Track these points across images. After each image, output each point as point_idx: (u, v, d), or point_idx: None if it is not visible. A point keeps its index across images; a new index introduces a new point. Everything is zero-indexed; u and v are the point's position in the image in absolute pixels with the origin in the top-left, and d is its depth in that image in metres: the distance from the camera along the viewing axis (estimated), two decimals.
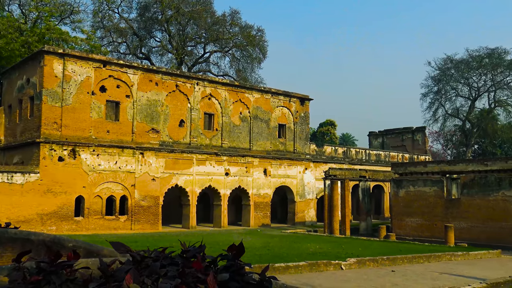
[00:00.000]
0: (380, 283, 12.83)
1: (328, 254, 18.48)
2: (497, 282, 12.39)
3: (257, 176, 35.93)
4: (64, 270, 2.63)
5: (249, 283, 3.12)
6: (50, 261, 2.66)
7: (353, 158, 44.56)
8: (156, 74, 31.28)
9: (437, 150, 74.36)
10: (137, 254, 2.82)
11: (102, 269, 2.59)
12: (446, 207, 28.99)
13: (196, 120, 32.92)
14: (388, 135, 58.24)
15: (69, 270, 2.65)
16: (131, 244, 19.53)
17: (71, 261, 2.73)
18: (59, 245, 4.20)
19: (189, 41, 50.30)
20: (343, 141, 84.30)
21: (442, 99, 64.20)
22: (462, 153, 65.31)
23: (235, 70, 51.80)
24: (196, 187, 32.36)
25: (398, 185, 31.60)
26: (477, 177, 27.78)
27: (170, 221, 34.42)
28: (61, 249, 3.55)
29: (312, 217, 39.64)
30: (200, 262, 2.85)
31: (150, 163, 30.24)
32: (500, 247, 23.96)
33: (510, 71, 60.09)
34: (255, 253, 17.99)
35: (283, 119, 38.48)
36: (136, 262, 2.74)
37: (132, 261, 2.77)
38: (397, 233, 30.00)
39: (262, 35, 51.33)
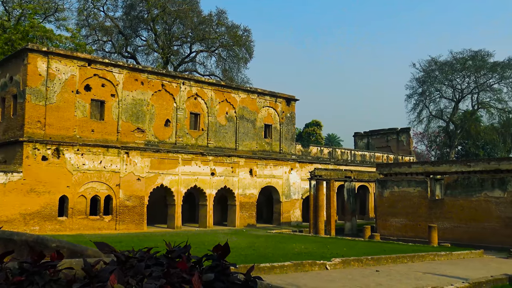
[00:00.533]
0: (365, 283, 12.92)
1: (314, 254, 18.55)
2: (479, 282, 12.55)
3: (243, 176, 35.93)
4: (48, 271, 2.61)
5: (234, 283, 3.12)
6: (33, 262, 2.63)
7: (339, 159, 44.79)
8: (141, 73, 31.11)
9: (422, 151, 75.12)
10: (121, 254, 2.80)
11: (86, 270, 2.57)
12: (430, 207, 29.29)
13: (182, 119, 32.81)
14: (373, 136, 58.67)
15: (52, 270, 2.62)
16: (115, 244, 19.38)
17: (55, 261, 2.71)
18: (43, 245, 4.15)
19: (175, 40, 50.12)
20: (328, 141, 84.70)
21: (426, 100, 64.93)
22: (445, 154, 66.06)
23: (221, 70, 51.75)
24: (182, 187, 32.25)
25: (383, 186, 31.84)
26: (460, 178, 28.12)
27: (155, 221, 34.24)
28: (44, 249, 3.52)
29: (298, 217, 39.76)
30: (185, 262, 2.85)
31: (135, 163, 30.06)
32: (482, 247, 24.30)
33: (493, 74, 61.00)
34: (240, 253, 17.98)
35: (269, 119, 38.54)
36: (120, 263, 2.72)
37: (116, 261, 2.75)
38: (382, 233, 30.22)
39: (248, 35, 51.40)
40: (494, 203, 26.43)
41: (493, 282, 13.06)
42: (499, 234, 26.04)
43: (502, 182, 26.27)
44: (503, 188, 26.18)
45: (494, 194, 26.49)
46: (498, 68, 60.28)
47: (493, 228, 26.29)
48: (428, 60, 65.24)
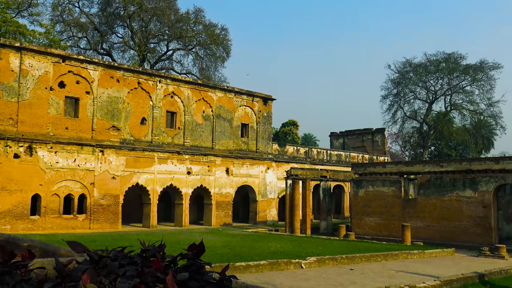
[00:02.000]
0: (339, 282, 13.06)
1: (289, 253, 18.65)
2: (450, 280, 12.81)
3: (219, 175, 35.87)
4: (19, 271, 2.57)
5: (209, 282, 3.13)
6: (3, 262, 2.59)
7: (315, 158, 45.10)
8: (117, 70, 30.74)
9: (396, 151, 76.21)
10: (94, 253, 2.78)
11: (58, 269, 2.54)
12: (404, 206, 29.76)
13: (158, 118, 32.56)
14: (349, 136, 59.26)
15: (23, 270, 2.58)
16: (89, 243, 19.14)
17: (26, 261, 2.67)
18: (14, 244, 4.07)
19: (152, 38, 49.65)
20: (305, 141, 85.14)
21: (401, 101, 65.91)
22: (419, 154, 67.18)
23: (199, 68, 51.51)
24: (157, 186, 32.01)
25: (358, 185, 32.21)
26: (433, 178, 28.65)
27: (131, 220, 33.92)
28: (15, 249, 3.46)
29: (274, 216, 39.90)
30: (159, 262, 2.84)
31: (111, 161, 29.70)
32: (453, 245, 24.83)
33: (465, 76, 62.29)
34: (216, 252, 17.96)
35: (246, 118, 38.56)
36: (93, 262, 2.70)
37: (89, 260, 2.72)
38: (357, 232, 30.58)
39: (226, 34, 51.27)
40: (465, 202, 27.02)
41: (464, 280, 13.35)
42: (470, 233, 26.64)
43: (473, 182, 26.87)
44: (474, 188, 26.78)
45: (466, 194, 27.08)
46: (470, 71, 61.59)
47: (464, 227, 26.88)
48: (403, 61, 66.31)
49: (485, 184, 26.45)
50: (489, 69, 61.31)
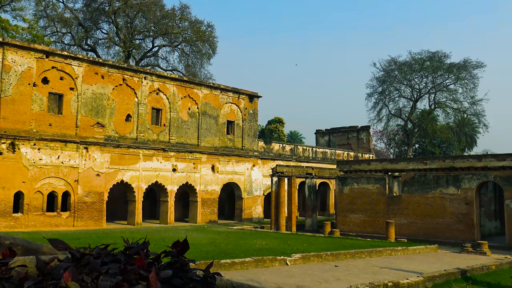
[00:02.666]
0: (324, 278, 13.14)
1: (274, 250, 18.70)
2: (433, 276, 12.97)
3: (205, 172, 35.80)
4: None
5: (193, 280, 3.13)
6: None
7: (300, 156, 45.25)
8: (102, 66, 30.46)
9: (381, 148, 76.79)
10: (76, 251, 2.76)
11: (39, 267, 2.52)
12: (388, 204, 30.03)
13: (143, 115, 32.36)
14: (335, 134, 59.55)
15: (4, 268, 2.55)
16: (73, 241, 18.92)
17: (7, 259, 2.64)
18: None
19: (137, 34, 49.26)
20: (290, 138, 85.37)
21: (386, 99, 66.38)
22: (403, 152, 67.80)
23: (184, 65, 51.26)
24: (143, 183, 31.84)
25: (343, 182, 32.41)
26: (417, 175, 28.95)
27: (115, 218, 33.71)
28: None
29: (259, 213, 39.96)
30: (142, 259, 2.83)
31: (95, 158, 29.45)
32: (437, 242, 25.14)
33: (449, 74, 62.95)
34: (201, 250, 17.94)
35: (231, 115, 38.52)
36: (75, 260, 2.68)
37: (71, 258, 2.70)
38: (341, 229, 30.78)
39: (212, 31, 51.10)
40: (448, 199, 27.36)
41: (447, 275, 13.53)
42: (452, 229, 26.99)
43: (456, 180, 27.21)
44: (457, 185, 27.13)
45: (449, 191, 27.41)
46: (454, 69, 62.27)
47: (447, 224, 27.23)
48: (388, 60, 66.75)
49: (468, 182, 26.80)
50: (473, 68, 62.05)
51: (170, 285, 2.92)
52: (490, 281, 13.55)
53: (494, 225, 31.57)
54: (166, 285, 2.89)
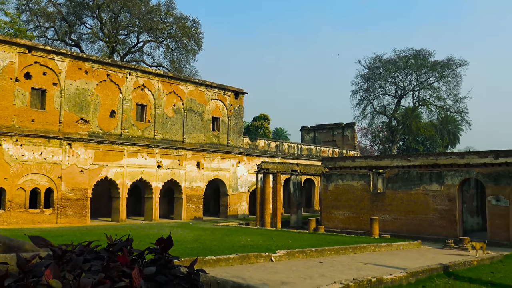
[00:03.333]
0: (308, 274, 13.20)
1: (259, 247, 18.74)
2: (416, 271, 13.12)
3: (190, 169, 35.69)
4: None
5: (177, 276, 3.11)
6: None
7: (286, 152, 45.35)
8: (86, 62, 30.14)
9: (365, 145, 77.32)
10: (58, 248, 2.73)
11: (19, 265, 2.49)
12: (372, 200, 30.27)
13: (128, 111, 32.11)
14: (320, 131, 59.79)
15: None
16: (56, 238, 18.73)
17: None
18: None
19: (121, 29, 48.81)
20: (276, 135, 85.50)
21: (370, 96, 66.81)
22: (388, 148, 68.34)
23: (169, 61, 50.97)
24: (127, 180, 31.62)
25: (328, 179, 32.57)
26: (400, 171, 29.21)
27: (99, 215, 33.46)
28: None
29: (245, 210, 39.99)
30: (126, 256, 2.81)
31: (79, 154, 29.16)
32: (420, 238, 25.42)
33: (433, 72, 63.57)
34: (186, 246, 17.89)
35: (217, 112, 38.43)
36: (57, 257, 2.65)
37: (53, 255, 2.67)
38: (326, 226, 30.94)
39: (197, 27, 50.87)
40: (432, 196, 27.67)
41: (429, 271, 13.69)
42: (435, 225, 27.33)
43: (439, 176, 27.53)
44: (440, 182, 27.45)
45: (432, 188, 27.73)
46: (437, 67, 62.90)
47: (430, 220, 27.54)
48: (373, 57, 67.16)
49: (450, 178, 27.13)
50: (456, 66, 62.75)
51: (154, 282, 2.91)
52: (471, 276, 13.75)
53: (476, 221, 32.03)
54: (150, 282, 2.87)
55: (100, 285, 2.36)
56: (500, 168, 25.65)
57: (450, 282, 12.77)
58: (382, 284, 11.48)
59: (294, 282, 11.82)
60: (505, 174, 25.40)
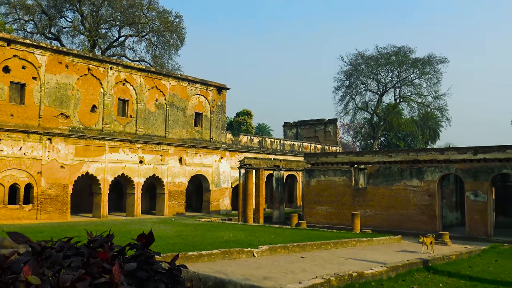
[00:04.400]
0: (290, 269, 13.28)
1: (241, 242, 18.77)
2: (396, 266, 13.29)
3: (172, 164, 35.53)
4: None
5: (158, 272, 3.11)
6: None
7: (268, 148, 45.44)
8: (66, 56, 29.72)
9: (347, 141, 77.86)
10: (37, 244, 2.70)
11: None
12: (354, 195, 30.54)
13: (109, 105, 31.79)
14: (302, 126, 60.03)
15: None
16: (36, 234, 18.49)
17: None
18: None
19: (103, 23, 48.23)
20: (259, 131, 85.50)
21: (353, 93, 67.29)
22: (369, 144, 68.96)
23: (152, 55, 50.57)
24: (108, 175, 31.35)
25: (310, 175, 32.74)
26: (382, 167, 29.52)
27: (80, 211, 33.13)
28: None
29: (227, 205, 39.99)
30: (106, 252, 2.80)
31: (59, 150, 28.79)
32: (400, 233, 25.74)
33: (414, 69, 64.29)
34: (168, 242, 17.83)
35: (199, 107, 38.29)
36: (36, 253, 2.62)
37: (31, 251, 2.65)
38: (308, 221, 31.13)
39: (180, 22, 50.57)
40: (412, 191, 28.04)
41: (409, 265, 13.88)
42: (415, 220, 27.71)
43: (420, 172, 27.90)
44: (420, 177, 27.82)
45: (412, 183, 28.09)
46: (418, 64, 63.62)
47: (411, 215, 27.92)
48: (355, 54, 67.58)
49: (430, 174, 27.52)
50: (436, 63, 63.56)
51: (135, 278, 2.91)
52: (450, 270, 13.98)
53: (455, 216, 32.56)
54: (131, 278, 2.87)
55: (80, 281, 2.36)
56: (478, 164, 26.10)
57: (429, 276, 12.98)
58: (363, 279, 11.61)
59: (276, 277, 11.88)
60: (484, 170, 25.86)
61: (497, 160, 25.55)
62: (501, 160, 25.44)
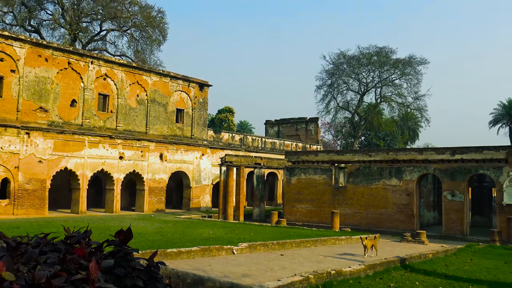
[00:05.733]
0: (269, 267, 13.33)
1: (221, 239, 18.77)
2: (374, 264, 13.44)
3: (153, 160, 35.30)
4: None
5: (136, 269, 3.10)
6: None
7: (250, 146, 45.45)
8: (46, 49, 29.26)
9: (328, 140, 78.31)
10: (12, 240, 2.67)
11: None
12: (334, 194, 30.77)
13: (89, 100, 31.41)
14: (284, 124, 60.18)
15: None
16: (12, 230, 18.22)
17: None
18: None
19: (84, 16, 47.53)
20: (240, 128, 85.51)
21: (334, 92, 67.62)
22: (350, 144, 69.47)
23: (133, 51, 50.04)
24: (88, 171, 30.99)
25: (291, 173, 32.87)
26: (362, 166, 29.79)
27: (59, 206, 32.71)
28: None
29: (208, 202, 39.90)
30: (83, 248, 2.78)
31: (37, 144, 28.35)
32: (379, 231, 26.04)
33: (395, 70, 64.87)
34: (147, 239, 17.73)
35: (181, 103, 38.09)
36: (11, 249, 2.59)
37: (6, 247, 2.61)
38: (288, 219, 31.26)
39: (162, 17, 50.12)
40: (391, 190, 28.37)
41: (387, 264, 14.05)
42: (394, 219, 28.06)
43: (399, 172, 28.24)
44: (399, 177, 28.17)
45: (391, 183, 28.42)
46: (399, 65, 64.21)
47: (389, 214, 28.26)
48: (337, 53, 67.90)
49: (409, 173, 27.88)
50: (417, 64, 64.22)
51: (112, 275, 2.89)
52: (426, 269, 14.19)
53: (432, 216, 33.06)
54: (108, 274, 2.85)
55: (56, 277, 2.33)
56: (456, 165, 26.53)
57: (406, 274, 13.16)
58: (341, 277, 11.71)
59: (255, 275, 11.91)
60: (461, 170, 26.29)
61: (474, 160, 26.01)
62: (477, 161, 25.91)
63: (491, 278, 13.13)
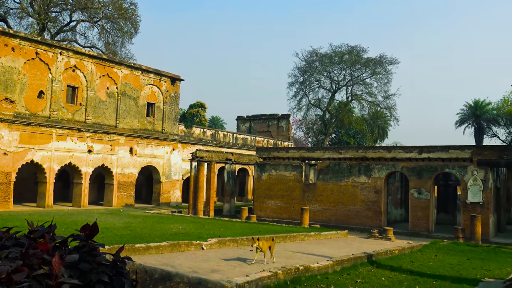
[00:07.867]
0: (238, 263, 13.35)
1: (191, 235, 18.70)
2: (341, 260, 13.63)
3: (123, 154, 34.83)
4: None
5: (102, 264, 3.07)
6: None
7: (221, 141, 45.36)
8: (13, 38, 28.45)
9: (300, 137, 78.81)
10: None
11: None
12: (304, 190, 31.02)
13: (57, 92, 30.74)
14: (255, 121, 60.28)
15: None
16: None
17: None
18: None
19: (53, 6, 46.41)
20: (212, 123, 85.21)
21: (306, 89, 68.04)
22: (321, 141, 70.08)
23: (104, 42, 49.17)
24: (55, 164, 30.36)
25: (262, 169, 32.97)
26: (332, 163, 30.12)
27: (24, 200, 31.95)
28: None
29: (178, 198, 39.66)
30: (47, 243, 2.73)
31: (2, 136, 27.59)
32: (347, 228, 26.43)
33: (366, 69, 65.71)
34: (115, 234, 17.51)
35: (152, 97, 37.69)
36: None
37: None
38: (258, 215, 31.37)
39: (134, 9, 49.41)
40: (360, 188, 28.79)
41: (354, 260, 14.27)
42: (362, 216, 28.49)
43: (367, 169, 28.67)
44: (368, 174, 28.60)
45: (360, 180, 28.84)
46: (370, 64, 65.07)
47: (358, 211, 28.68)
48: (310, 51, 68.31)
49: (378, 171, 28.34)
50: (387, 64, 65.22)
51: (77, 270, 2.85)
52: (392, 265, 14.48)
53: (399, 213, 33.71)
54: (72, 270, 2.81)
55: (17, 272, 2.29)
56: (423, 163, 27.11)
57: (373, 270, 13.40)
58: (309, 272, 11.84)
59: (224, 270, 11.92)
60: (427, 168, 26.88)
61: (440, 159, 26.62)
62: (444, 160, 26.53)
63: (454, 274, 13.49)
